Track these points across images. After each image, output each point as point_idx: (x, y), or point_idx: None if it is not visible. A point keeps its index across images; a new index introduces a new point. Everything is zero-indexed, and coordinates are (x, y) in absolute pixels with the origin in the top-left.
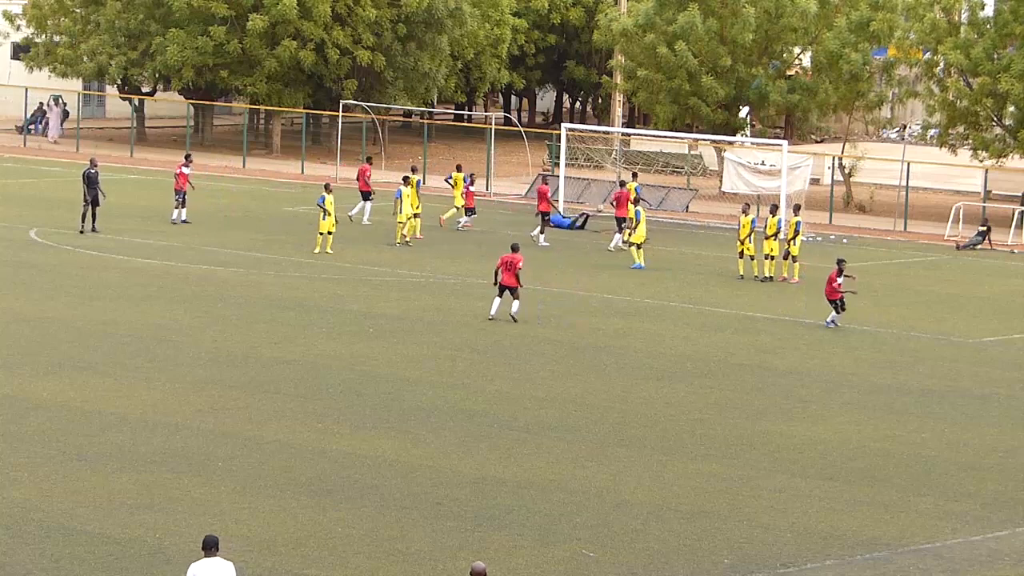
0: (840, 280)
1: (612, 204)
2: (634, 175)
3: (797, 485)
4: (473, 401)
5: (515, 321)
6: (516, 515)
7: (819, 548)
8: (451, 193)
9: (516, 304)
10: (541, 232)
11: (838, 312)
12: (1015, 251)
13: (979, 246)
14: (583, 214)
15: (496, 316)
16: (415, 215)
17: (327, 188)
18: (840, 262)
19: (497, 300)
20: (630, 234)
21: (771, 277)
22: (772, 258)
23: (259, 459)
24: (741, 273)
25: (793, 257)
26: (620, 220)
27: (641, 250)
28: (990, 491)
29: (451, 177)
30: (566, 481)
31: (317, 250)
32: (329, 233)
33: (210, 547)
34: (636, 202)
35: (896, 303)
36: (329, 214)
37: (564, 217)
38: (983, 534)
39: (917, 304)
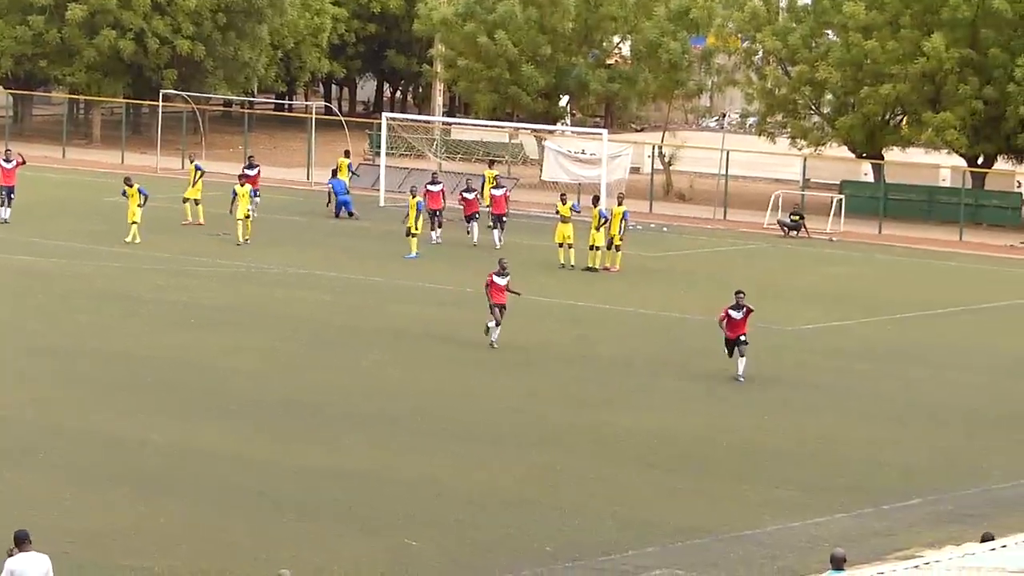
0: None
1: (461, 200)
2: (491, 163)
3: (619, 473)
4: (296, 391)
5: (494, 346)
6: (339, 505)
7: (640, 536)
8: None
9: (498, 330)
10: (493, 228)
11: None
12: (833, 239)
13: (798, 234)
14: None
15: (492, 339)
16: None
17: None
18: (738, 294)
19: (495, 327)
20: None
21: (595, 267)
22: (597, 248)
23: (81, 451)
24: (562, 262)
25: (616, 246)
26: (434, 212)
27: (414, 239)
28: (810, 478)
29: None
30: (388, 471)
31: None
32: (247, 218)
33: (22, 541)
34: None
35: (716, 291)
36: (239, 199)
37: (346, 195)
38: (803, 520)
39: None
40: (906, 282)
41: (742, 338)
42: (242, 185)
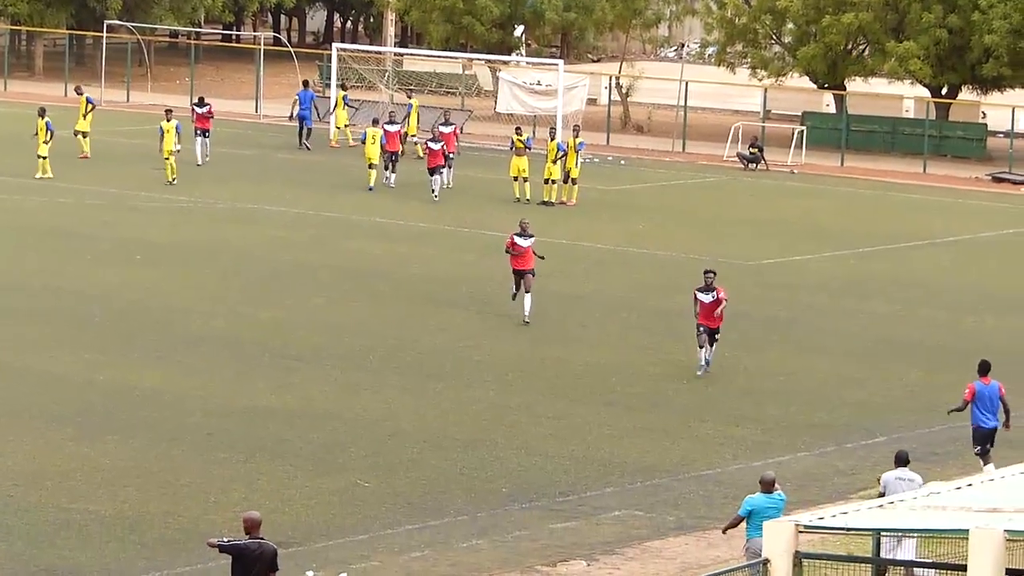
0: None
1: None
2: (410, 93)
3: (576, 412)
4: (245, 330)
5: (527, 323)
6: (289, 445)
7: (599, 476)
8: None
9: (529, 298)
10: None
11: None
12: (794, 171)
13: (757, 167)
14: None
15: (524, 314)
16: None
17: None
18: (707, 274)
19: (527, 298)
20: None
21: (551, 201)
22: (553, 182)
23: (24, 391)
24: (517, 196)
25: (573, 180)
26: (391, 154)
27: (373, 171)
28: (771, 415)
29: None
30: (340, 410)
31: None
32: (169, 158)
33: None
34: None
35: (676, 225)
36: (165, 135)
37: (304, 111)
38: (764, 458)
39: (697, 226)
40: (868, 215)
41: (716, 334)
42: (195, 123)
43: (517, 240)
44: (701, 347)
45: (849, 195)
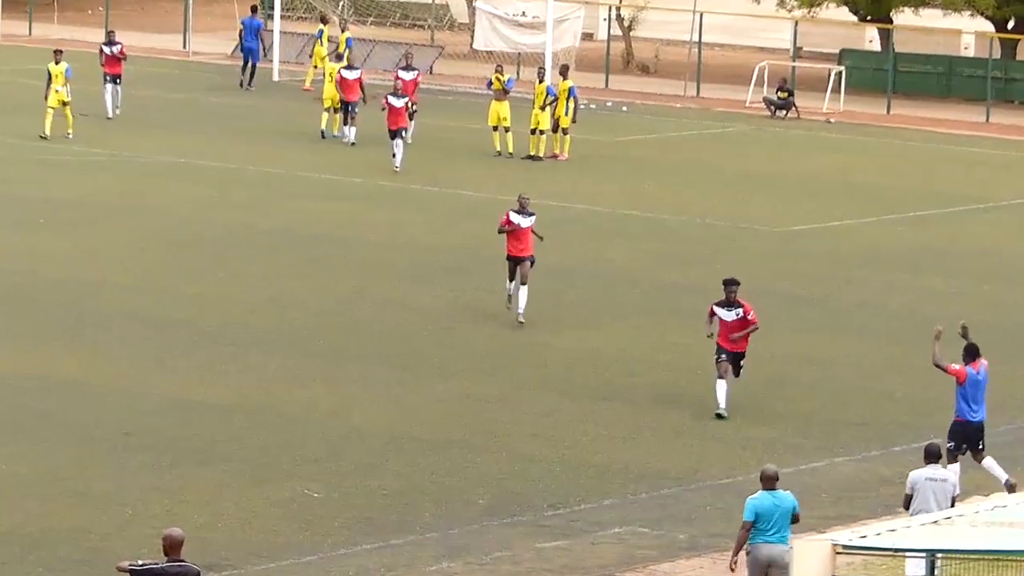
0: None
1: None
2: (323, 19)
3: (567, 408)
4: (169, 307)
5: (521, 323)
6: (222, 448)
7: (595, 485)
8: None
9: (525, 292)
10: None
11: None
12: (831, 120)
13: (787, 114)
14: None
15: (518, 311)
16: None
17: None
18: (729, 287)
19: (519, 291)
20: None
21: (539, 156)
22: (541, 132)
23: None
24: (498, 149)
25: (564, 130)
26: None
27: (327, 115)
28: (803, 412)
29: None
30: (285, 405)
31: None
32: (64, 105)
33: None
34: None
35: (687, 184)
36: (53, 80)
37: (250, 44)
38: (796, 465)
39: (713, 186)
40: (919, 173)
41: (741, 361)
42: (104, 67)
43: (515, 218)
44: (721, 377)
45: (896, 148)
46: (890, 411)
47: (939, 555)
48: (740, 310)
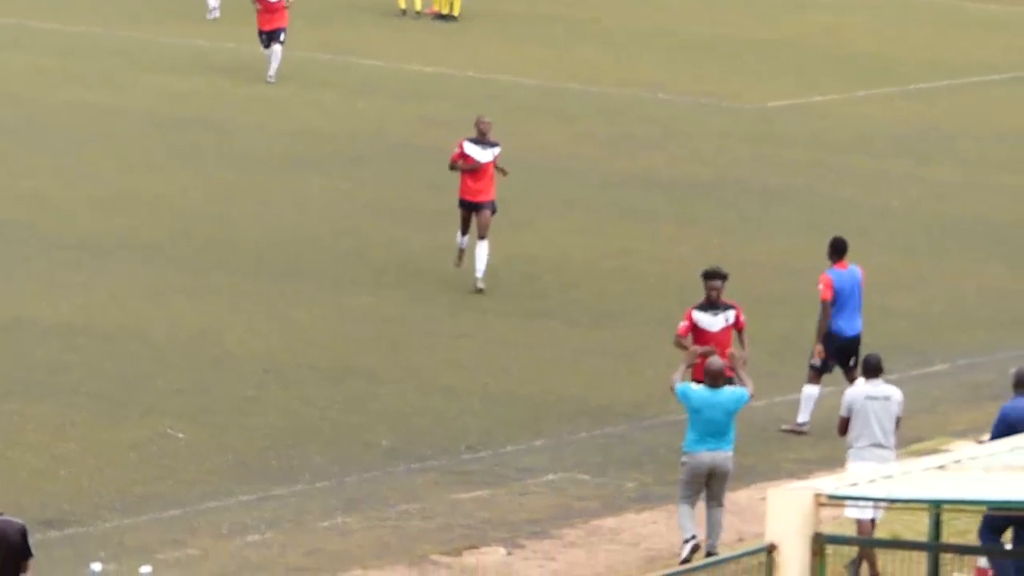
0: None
1: None
2: None
3: (491, 327)
4: (1, 206)
5: (480, 290)
6: (67, 376)
7: (524, 422)
8: None
9: (485, 248)
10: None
11: None
12: None
13: None
14: None
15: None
16: None
17: None
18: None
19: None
20: None
21: (452, 15)
22: None
23: None
24: (403, 7)
25: None
26: None
27: None
28: (778, 332)
29: None
30: (141, 325)
31: None
32: None
33: None
34: None
35: (641, 49)
36: None
37: None
38: (768, 397)
39: (670, 51)
40: (924, 36)
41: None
42: None
43: (470, 149)
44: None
45: (897, 5)
46: (888, 331)
47: (945, 506)
48: (729, 313)
